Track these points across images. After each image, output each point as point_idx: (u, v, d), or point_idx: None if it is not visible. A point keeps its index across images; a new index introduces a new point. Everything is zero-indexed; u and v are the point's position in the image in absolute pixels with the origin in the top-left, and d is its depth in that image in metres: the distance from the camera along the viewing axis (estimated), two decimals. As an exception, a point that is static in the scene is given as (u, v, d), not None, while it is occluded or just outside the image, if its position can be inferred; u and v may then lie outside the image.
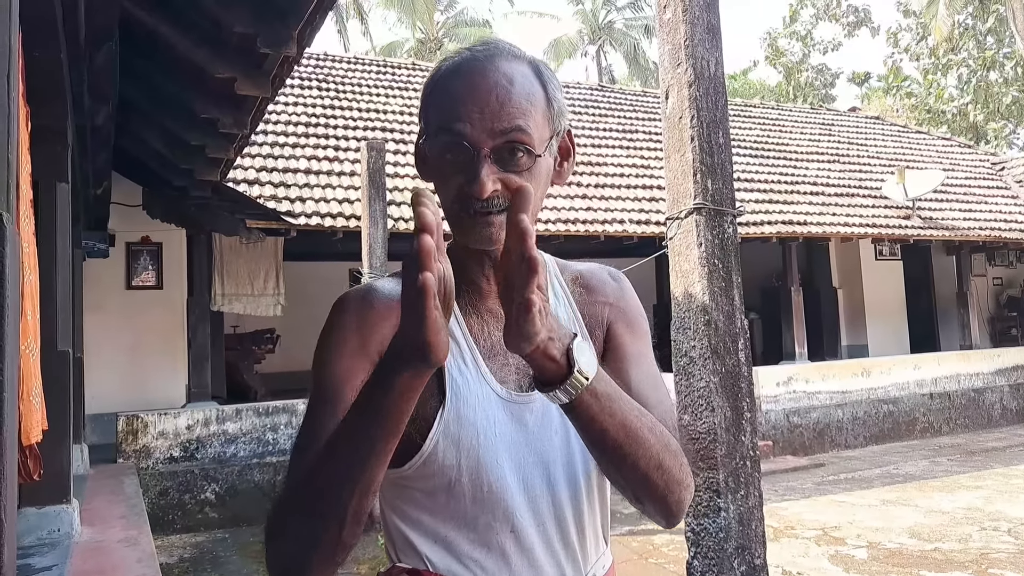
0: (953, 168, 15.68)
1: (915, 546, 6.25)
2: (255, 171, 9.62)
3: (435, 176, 1.06)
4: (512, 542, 1.04)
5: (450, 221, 1.05)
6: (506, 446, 1.05)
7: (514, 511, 1.04)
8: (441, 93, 1.05)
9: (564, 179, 1.14)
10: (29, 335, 2.85)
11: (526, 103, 1.02)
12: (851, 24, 28.98)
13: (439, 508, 1.05)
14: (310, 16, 4.19)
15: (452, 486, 1.03)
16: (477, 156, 0.99)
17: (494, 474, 1.03)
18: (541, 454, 1.06)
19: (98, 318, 8.68)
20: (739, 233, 2.73)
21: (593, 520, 1.12)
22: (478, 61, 1.04)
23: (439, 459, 1.02)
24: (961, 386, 12.47)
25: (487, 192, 0.99)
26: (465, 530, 1.04)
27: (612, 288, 1.21)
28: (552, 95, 1.07)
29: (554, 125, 1.07)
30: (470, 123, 1.00)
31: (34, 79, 3.58)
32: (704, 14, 2.62)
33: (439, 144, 1.03)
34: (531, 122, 1.02)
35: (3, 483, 1.01)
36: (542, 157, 1.04)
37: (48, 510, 4.39)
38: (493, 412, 1.05)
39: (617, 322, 1.17)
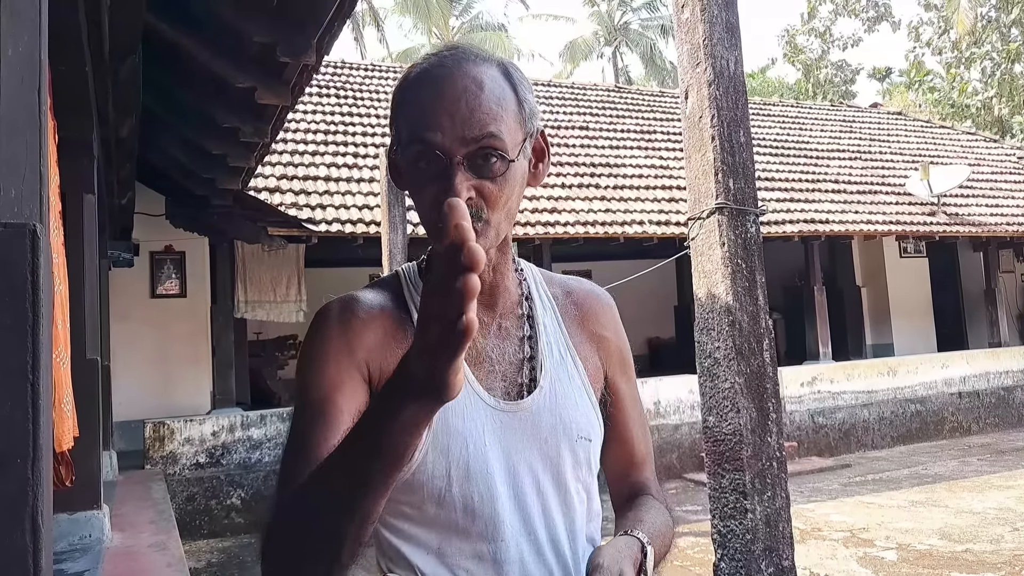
0: (978, 163, 15.50)
1: (945, 547, 6.17)
2: (276, 179, 9.69)
3: (410, 186, 1.04)
4: (503, 551, 1.03)
5: (428, 229, 1.02)
6: (495, 455, 1.04)
7: (504, 520, 1.03)
8: (410, 102, 1.02)
9: (539, 180, 1.12)
10: (60, 344, 2.89)
11: (496, 107, 1.00)
12: (871, 19, 28.73)
13: (428, 519, 1.03)
14: (328, 24, 4.22)
15: (442, 496, 1.02)
16: (450, 164, 0.97)
17: (484, 483, 1.03)
18: (530, 462, 1.06)
19: (124, 327, 8.78)
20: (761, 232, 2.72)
21: (585, 527, 1.12)
22: (445, 67, 1.01)
23: (428, 470, 1.01)
24: (990, 384, 12.31)
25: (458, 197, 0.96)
26: (456, 540, 1.03)
27: (608, 317, 1.22)
28: (523, 97, 1.04)
29: (527, 127, 1.04)
30: (441, 131, 0.97)
31: (60, 93, 3.63)
32: (723, 13, 2.62)
33: (411, 154, 1.00)
34: (503, 127, 0.99)
35: (39, 489, 1.03)
36: (516, 161, 1.01)
37: (79, 516, 4.44)
38: (482, 421, 1.04)
39: (615, 364, 1.20)
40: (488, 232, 1.01)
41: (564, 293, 1.20)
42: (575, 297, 1.21)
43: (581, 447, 1.09)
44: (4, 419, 1.03)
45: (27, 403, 1.05)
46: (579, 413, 1.10)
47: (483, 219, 1.00)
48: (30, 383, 1.05)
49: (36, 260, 1.07)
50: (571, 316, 1.18)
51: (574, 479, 1.09)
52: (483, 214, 0.99)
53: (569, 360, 1.13)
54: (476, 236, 0.95)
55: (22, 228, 1.07)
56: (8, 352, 1.04)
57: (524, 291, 1.16)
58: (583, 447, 1.10)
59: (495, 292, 1.11)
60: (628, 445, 1.21)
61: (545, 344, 1.12)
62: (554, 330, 1.15)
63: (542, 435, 1.07)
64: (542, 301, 1.16)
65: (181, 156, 7.00)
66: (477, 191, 0.98)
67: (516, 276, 1.16)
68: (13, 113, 1.10)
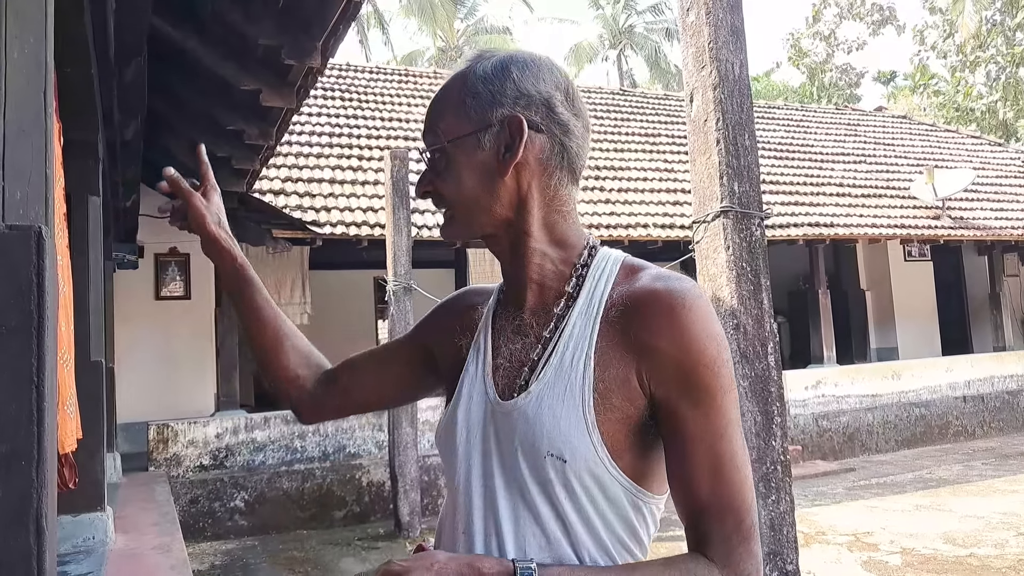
0: (983, 166, 15.47)
1: (950, 552, 6.15)
2: (280, 181, 9.70)
3: None
4: (463, 544, 1.05)
5: None
6: (483, 451, 1.07)
7: (472, 514, 1.05)
8: None
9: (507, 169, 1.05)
10: (64, 346, 2.89)
11: (439, 107, 1.10)
12: (876, 23, 28.74)
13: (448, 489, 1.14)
14: (333, 27, 4.23)
15: (448, 471, 1.13)
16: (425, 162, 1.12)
17: (464, 475, 1.08)
18: (506, 463, 1.03)
19: (128, 328, 8.79)
20: (766, 236, 2.72)
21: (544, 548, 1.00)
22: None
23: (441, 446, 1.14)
24: (995, 388, 12.27)
25: (418, 194, 1.13)
26: (445, 526, 1.11)
27: (665, 325, 0.98)
28: (472, 89, 1.06)
29: (476, 117, 1.05)
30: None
31: (66, 95, 3.64)
32: (728, 16, 2.62)
33: None
34: (441, 125, 1.08)
35: (44, 491, 1.03)
36: (450, 152, 1.07)
37: (83, 518, 4.44)
38: (480, 413, 1.08)
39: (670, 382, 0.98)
40: (453, 222, 1.11)
41: (627, 293, 1.03)
42: (629, 298, 1.02)
43: (551, 464, 0.98)
44: (9, 421, 1.03)
45: (32, 405, 1.05)
46: (556, 429, 0.98)
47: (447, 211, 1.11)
48: (35, 385, 1.05)
49: (42, 262, 1.07)
50: (614, 320, 1.02)
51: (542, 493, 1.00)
52: (441, 204, 1.11)
53: (579, 368, 1.00)
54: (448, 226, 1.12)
55: (27, 230, 1.07)
56: (13, 354, 1.04)
57: (570, 289, 1.07)
58: (553, 465, 0.98)
59: (521, 289, 1.11)
60: (684, 484, 1.00)
61: (561, 348, 1.03)
62: (581, 335, 1.02)
63: (515, 440, 1.02)
64: (590, 301, 1.05)
65: (186, 158, 7.00)
66: (432, 185, 1.10)
67: (567, 271, 1.08)
68: (19, 115, 1.10)
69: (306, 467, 8.49)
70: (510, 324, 1.11)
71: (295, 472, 8.43)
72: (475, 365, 1.12)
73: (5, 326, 1.04)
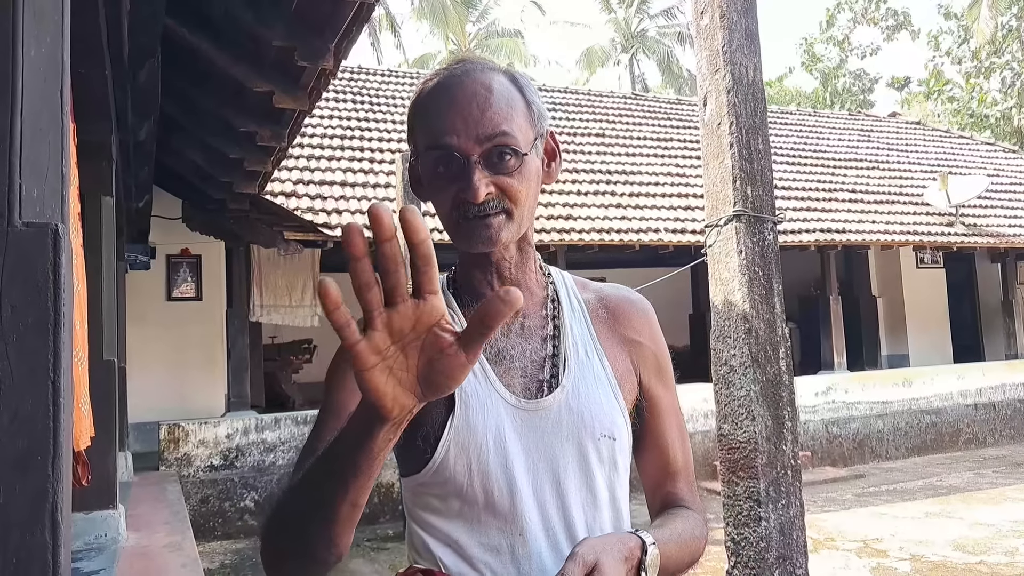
0: (997, 173, 15.38)
1: (960, 559, 6.11)
2: (292, 184, 9.73)
3: (431, 192, 1.10)
4: (521, 546, 1.05)
5: (450, 231, 1.10)
6: (516, 452, 1.06)
7: (524, 516, 1.05)
8: (425, 113, 1.09)
9: (552, 179, 1.18)
10: (78, 344, 2.91)
11: (506, 107, 1.06)
12: (890, 28, 28.64)
13: (452, 513, 1.07)
14: (346, 29, 4.24)
15: (464, 492, 1.05)
16: (467, 164, 1.03)
17: (504, 479, 1.05)
18: (551, 460, 1.08)
19: (140, 329, 8.83)
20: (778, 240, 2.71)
21: (610, 525, 1.12)
22: (455, 76, 1.08)
23: (451, 466, 1.05)
24: (1007, 396, 12.19)
25: (481, 196, 1.03)
26: (476, 534, 1.06)
27: (643, 323, 1.22)
28: (531, 99, 1.11)
29: (537, 127, 1.11)
30: (456, 134, 1.04)
31: (80, 96, 3.67)
32: (742, 20, 2.61)
33: (430, 160, 1.07)
34: (513, 125, 1.06)
35: (59, 487, 1.03)
36: (529, 156, 1.07)
37: (95, 515, 4.47)
38: (502, 418, 1.07)
39: (650, 370, 1.20)
40: (510, 226, 1.07)
41: (597, 298, 1.22)
42: (608, 302, 1.22)
43: (605, 445, 1.10)
44: (26, 417, 1.04)
45: (48, 401, 1.06)
46: (602, 411, 1.11)
47: (506, 211, 1.06)
48: (51, 381, 1.06)
49: (58, 259, 1.08)
50: (602, 320, 1.20)
51: (598, 477, 1.10)
52: (506, 206, 1.06)
53: (596, 360, 1.14)
54: (498, 230, 1.05)
55: (44, 227, 1.08)
56: (30, 350, 1.05)
57: (550, 293, 1.19)
58: (607, 445, 1.11)
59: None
60: (664, 454, 1.21)
61: (571, 344, 1.14)
62: (581, 332, 1.16)
63: (563, 432, 1.08)
64: (571, 305, 1.19)
65: (198, 160, 7.05)
66: (496, 186, 1.05)
67: (543, 279, 1.20)
68: (36, 114, 1.11)
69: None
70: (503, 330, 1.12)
71: (304, 473, 8.44)
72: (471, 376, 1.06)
73: (22, 322, 1.05)
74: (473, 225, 1.06)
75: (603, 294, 1.23)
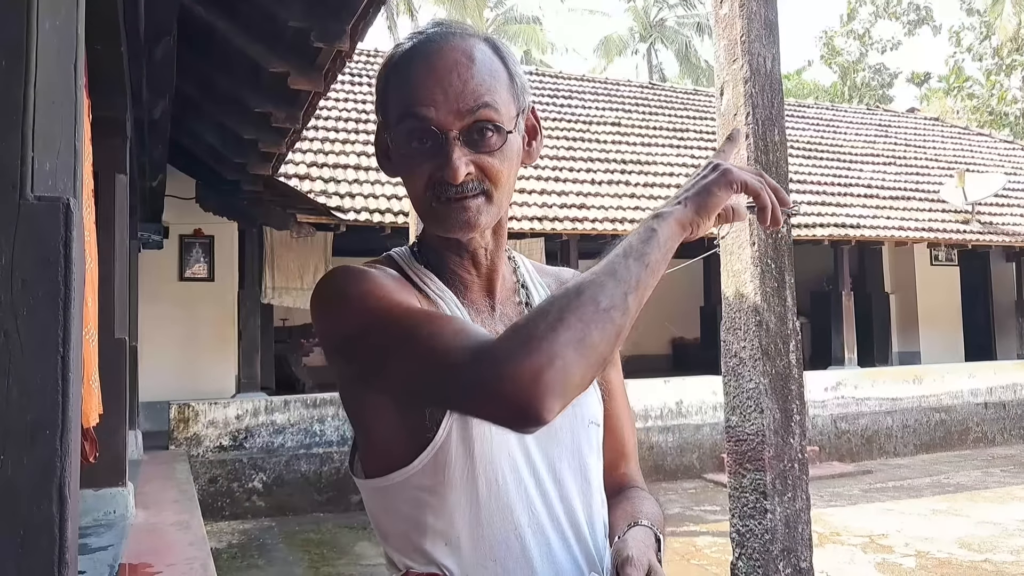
0: (1015, 172, 15.25)
1: (965, 557, 6.10)
2: (306, 166, 9.74)
3: (402, 168, 1.01)
4: (530, 537, 1.00)
5: (423, 212, 1.02)
6: (516, 440, 1.01)
7: (530, 506, 1.01)
8: (399, 80, 0.99)
9: (533, 159, 1.10)
10: (89, 322, 2.92)
11: (489, 79, 0.98)
12: (911, 22, 28.36)
13: (449, 508, 0.99)
14: (363, 11, 4.23)
15: (465, 483, 0.98)
16: (446, 140, 0.95)
17: (507, 468, 1.00)
18: (547, 447, 1.04)
19: (152, 308, 8.87)
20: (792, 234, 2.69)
21: (602, 511, 1.11)
22: (433, 42, 0.99)
23: (451, 454, 0.97)
24: (1017, 396, 12.12)
25: (460, 176, 0.95)
26: (480, 528, 0.99)
27: None
28: (513, 70, 1.03)
29: (519, 102, 1.03)
30: (434, 106, 0.95)
31: (96, 72, 3.67)
32: (761, 9, 2.59)
33: (403, 132, 0.98)
34: (497, 99, 0.98)
35: (67, 460, 1.04)
36: (512, 134, 1.00)
37: (105, 492, 4.51)
38: None
39: None
40: (490, 209, 1.00)
41: (557, 283, 1.18)
42: None
43: (593, 432, 1.10)
44: (35, 390, 1.04)
45: (57, 375, 1.06)
46: (587, 398, 1.08)
47: (486, 193, 0.99)
48: (60, 355, 1.06)
49: (69, 234, 1.08)
50: None
51: (589, 463, 1.09)
52: (486, 187, 0.99)
53: None
54: (478, 214, 0.98)
55: (56, 202, 1.08)
56: (40, 324, 1.05)
57: (519, 278, 1.16)
58: (594, 432, 1.10)
59: (493, 277, 1.09)
60: (619, 436, 1.21)
61: None
62: None
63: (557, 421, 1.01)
64: (537, 290, 1.15)
65: (213, 140, 7.06)
66: (476, 166, 0.97)
67: (510, 264, 1.15)
68: (50, 87, 1.11)
69: (324, 450, 8.55)
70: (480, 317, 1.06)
71: (313, 455, 8.49)
72: None
73: (32, 296, 1.05)
74: (450, 208, 0.98)
75: (561, 279, 1.20)
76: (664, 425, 9.89)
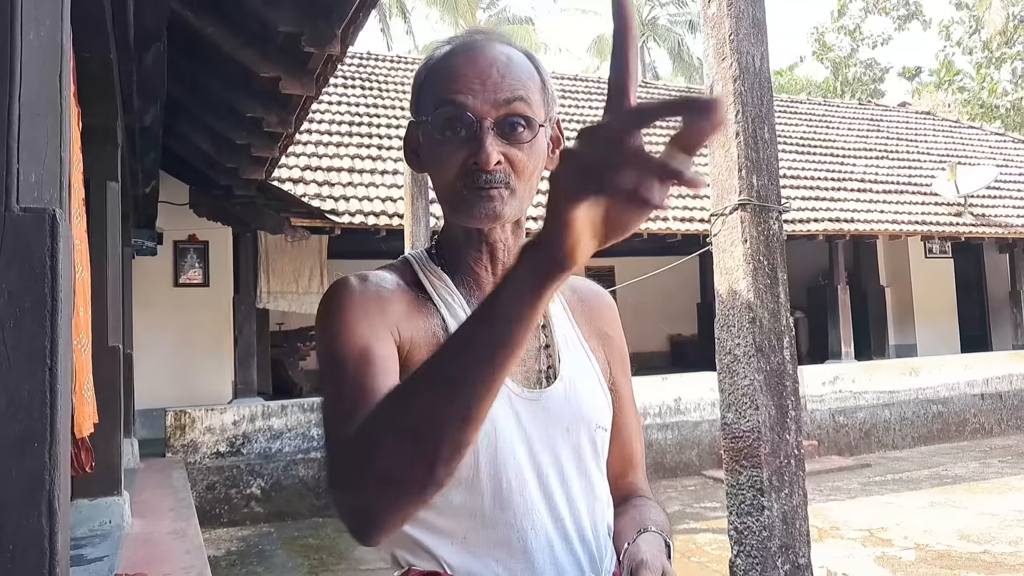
0: (1007, 164, 15.29)
1: (964, 548, 6.11)
2: (300, 170, 9.73)
3: (432, 159, 1.03)
4: (533, 538, 1.01)
5: (449, 201, 1.03)
6: (522, 441, 1.02)
7: (534, 507, 1.01)
8: (438, 74, 1.03)
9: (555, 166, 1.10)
10: (81, 330, 2.91)
11: (526, 77, 1.03)
12: (902, 17, 28.43)
13: (454, 508, 0.99)
14: (353, 14, 4.23)
15: (470, 483, 0.99)
16: (480, 127, 0.98)
17: (512, 469, 1.00)
18: (552, 449, 1.05)
19: (147, 315, 8.85)
20: (785, 230, 2.70)
21: (605, 514, 1.11)
22: (474, 41, 1.04)
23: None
24: (1013, 387, 12.15)
25: (493, 162, 0.97)
26: (483, 529, 1.00)
27: (611, 317, 1.23)
28: (546, 79, 1.07)
29: (549, 109, 1.07)
30: (471, 94, 0.98)
31: (85, 79, 3.66)
32: (749, 8, 2.59)
33: (440, 119, 1.00)
34: (531, 95, 1.02)
35: (56, 473, 1.03)
36: (544, 129, 1.03)
37: (100, 502, 4.49)
38: (506, 407, 1.02)
39: (617, 363, 1.21)
40: (513, 202, 1.01)
41: (570, 290, 1.20)
42: (580, 295, 1.22)
43: (599, 436, 1.11)
44: (22, 403, 1.04)
45: (45, 387, 1.05)
46: (596, 402, 1.11)
47: (510, 187, 1.00)
48: (48, 367, 1.05)
49: (56, 245, 1.07)
50: (579, 312, 1.18)
51: (592, 466, 1.09)
52: (510, 181, 1.00)
53: (583, 351, 1.14)
54: (502, 204, 0.99)
55: (42, 213, 1.07)
56: (27, 336, 1.05)
57: None
58: (600, 436, 1.11)
59: None
60: (627, 445, 1.22)
61: (560, 335, 1.12)
62: (565, 323, 1.15)
63: (564, 423, 1.06)
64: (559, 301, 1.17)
65: (206, 145, 7.05)
66: (506, 157, 0.99)
67: None
68: (34, 98, 1.10)
69: (322, 455, 8.52)
70: None
71: (311, 460, 8.48)
72: None
73: (19, 308, 1.05)
74: (477, 195, 0.99)
75: (574, 286, 1.22)
76: (663, 422, 9.91)
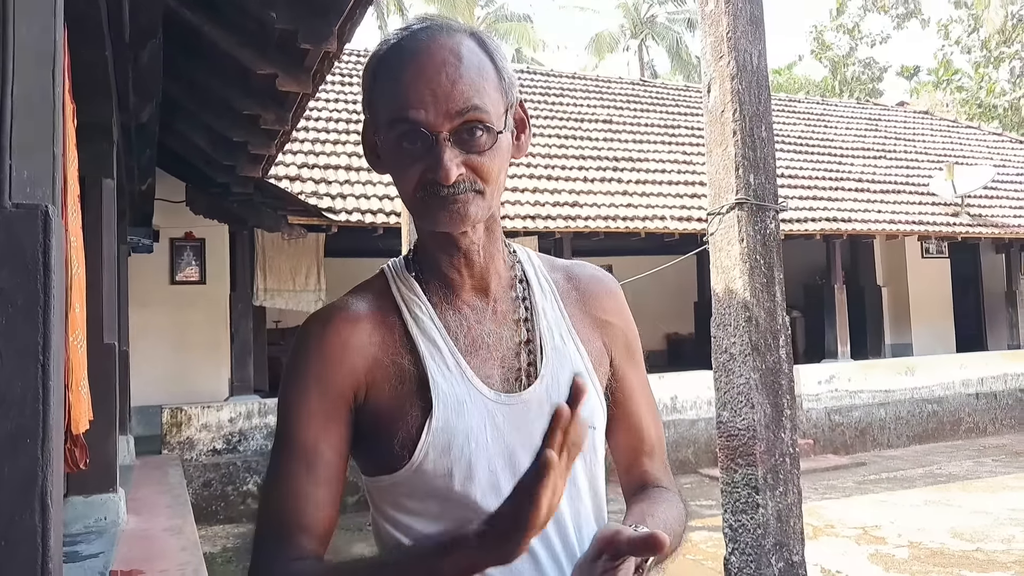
0: (1004, 164, 15.30)
1: (957, 546, 6.13)
2: (297, 168, 9.71)
3: (392, 168, 1.01)
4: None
5: (414, 208, 1.01)
6: (498, 449, 1.00)
7: None
8: (386, 80, 0.99)
9: (523, 152, 1.08)
10: (77, 327, 2.91)
11: (478, 78, 0.97)
12: (900, 16, 28.44)
13: (433, 515, 1.00)
14: (350, 11, 4.21)
15: (446, 495, 0.99)
16: (436, 141, 0.94)
17: (488, 480, 0.99)
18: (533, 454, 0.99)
19: (143, 312, 8.84)
20: (782, 230, 2.70)
21: (589, 518, 1.08)
22: (419, 40, 0.98)
23: (430, 468, 0.98)
24: (1008, 386, 12.19)
25: (452, 177, 0.94)
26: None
27: (612, 302, 1.19)
28: (501, 65, 1.02)
29: (507, 97, 1.02)
30: (423, 108, 0.94)
31: (80, 76, 3.65)
32: (747, 6, 2.59)
33: (394, 135, 0.97)
34: (486, 98, 0.97)
35: (48, 470, 1.03)
36: (502, 133, 0.99)
37: (95, 499, 4.49)
38: (481, 416, 1.01)
39: (620, 350, 1.17)
40: (480, 202, 0.99)
41: (566, 278, 1.17)
42: (577, 281, 1.17)
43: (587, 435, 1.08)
44: (15, 399, 1.04)
45: (37, 384, 1.05)
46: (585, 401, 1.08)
47: (476, 189, 0.98)
48: (40, 364, 1.05)
49: (48, 242, 1.07)
50: (572, 300, 1.15)
51: (578, 466, 1.06)
52: (476, 184, 0.98)
53: (571, 345, 1.10)
54: (468, 207, 0.98)
55: (34, 209, 1.07)
56: (19, 333, 1.05)
57: (518, 273, 1.13)
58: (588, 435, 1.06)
59: (486, 275, 1.08)
60: (637, 433, 1.18)
61: (545, 328, 1.09)
62: (554, 314, 1.11)
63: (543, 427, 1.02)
64: (540, 285, 1.13)
65: (202, 143, 7.03)
66: (467, 166, 0.96)
67: (509, 258, 1.13)
68: (27, 95, 1.10)
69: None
70: (475, 316, 1.06)
71: (307, 457, 8.46)
72: (444, 372, 1.02)
73: (11, 305, 1.04)
74: (443, 202, 0.97)
75: (572, 273, 1.18)
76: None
